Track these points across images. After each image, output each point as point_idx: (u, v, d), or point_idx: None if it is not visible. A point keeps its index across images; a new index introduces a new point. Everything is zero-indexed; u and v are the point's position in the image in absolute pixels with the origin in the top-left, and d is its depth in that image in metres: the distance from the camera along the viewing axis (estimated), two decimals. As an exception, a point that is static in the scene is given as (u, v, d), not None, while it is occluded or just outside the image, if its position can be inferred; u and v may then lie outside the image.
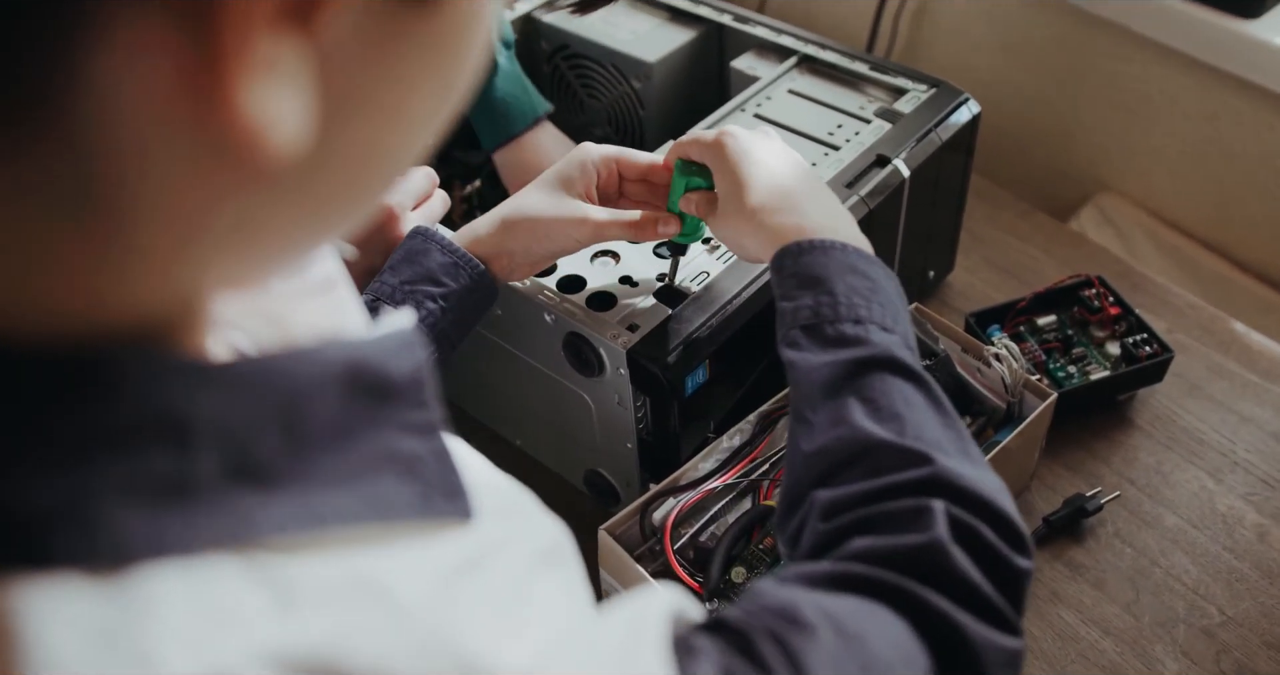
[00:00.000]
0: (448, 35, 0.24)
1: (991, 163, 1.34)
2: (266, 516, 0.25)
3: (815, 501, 0.47)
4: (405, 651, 0.25)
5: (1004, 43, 1.28)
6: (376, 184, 0.26)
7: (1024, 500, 0.85)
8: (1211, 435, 0.89)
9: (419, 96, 0.25)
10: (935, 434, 0.48)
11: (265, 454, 0.25)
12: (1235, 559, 0.80)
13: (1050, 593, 0.79)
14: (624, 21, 1.01)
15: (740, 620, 0.37)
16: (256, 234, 0.24)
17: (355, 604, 0.25)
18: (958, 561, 0.42)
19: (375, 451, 0.28)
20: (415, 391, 0.29)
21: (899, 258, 0.89)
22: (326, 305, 0.33)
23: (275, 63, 0.20)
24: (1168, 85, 1.15)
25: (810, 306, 0.53)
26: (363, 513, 0.27)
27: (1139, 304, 0.98)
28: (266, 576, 0.24)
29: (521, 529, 0.33)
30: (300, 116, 0.21)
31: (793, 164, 0.64)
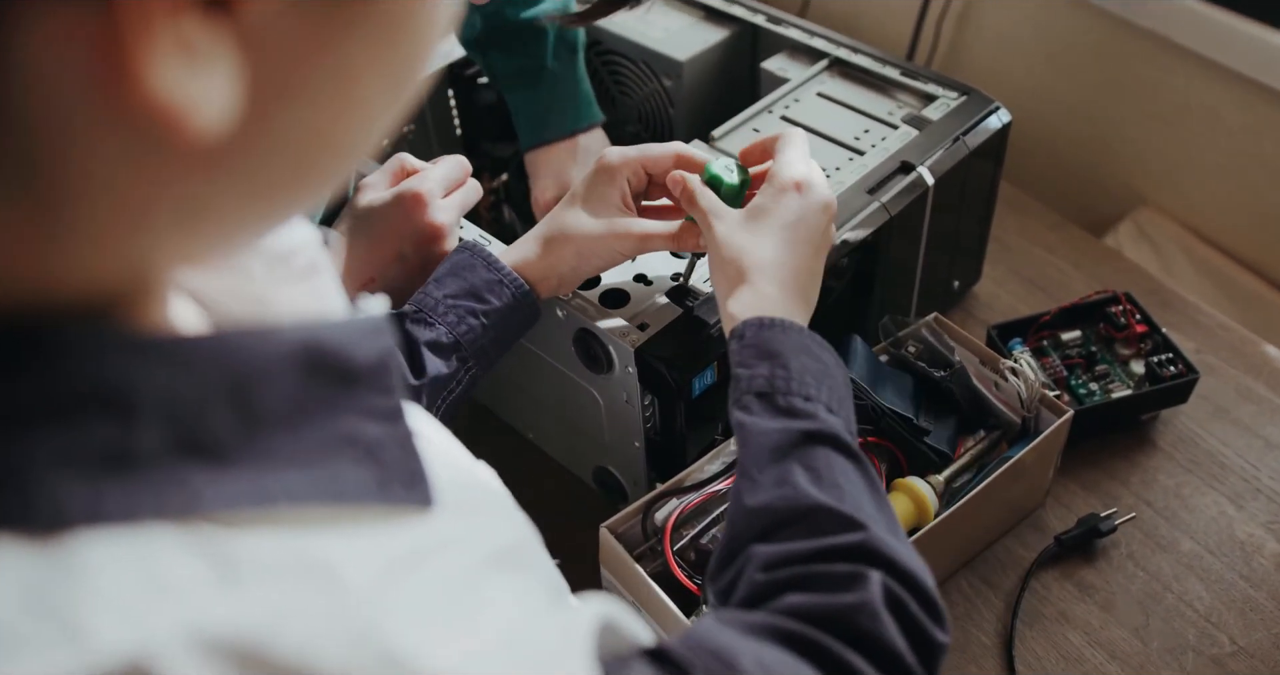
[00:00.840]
0: (393, 22, 0.24)
1: (1027, 173, 1.32)
2: (215, 491, 0.25)
3: (754, 555, 0.49)
4: (334, 640, 0.25)
5: (1046, 51, 1.26)
6: (327, 167, 0.26)
7: (1037, 517, 0.84)
8: (1235, 460, 0.87)
9: (366, 82, 0.25)
10: (870, 509, 0.51)
11: (215, 430, 0.25)
12: (1251, 588, 0.78)
13: (1058, 613, 0.78)
14: (658, 19, 1.01)
15: (681, 655, 0.37)
16: (203, 212, 0.24)
17: (298, 583, 0.25)
18: (885, 628, 0.44)
19: (334, 434, 0.28)
20: (379, 377, 0.30)
21: (921, 266, 0.88)
22: (309, 291, 0.33)
23: (192, 46, 0.20)
24: (1210, 98, 1.13)
25: (766, 376, 0.56)
26: (315, 494, 0.27)
27: (1168, 323, 0.96)
28: (210, 550, 0.24)
29: (481, 526, 0.33)
30: (225, 98, 0.21)
31: (817, 255, 0.64)
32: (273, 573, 0.25)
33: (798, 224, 0.63)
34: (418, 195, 0.72)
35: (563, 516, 0.88)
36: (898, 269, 0.87)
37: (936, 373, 0.79)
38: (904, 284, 0.89)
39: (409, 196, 0.73)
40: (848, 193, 0.79)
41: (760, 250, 0.62)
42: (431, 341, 0.66)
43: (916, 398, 0.79)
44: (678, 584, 0.70)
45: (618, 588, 0.73)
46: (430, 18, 0.26)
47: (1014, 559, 0.81)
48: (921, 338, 0.82)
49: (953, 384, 0.79)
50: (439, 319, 0.66)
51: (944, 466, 0.78)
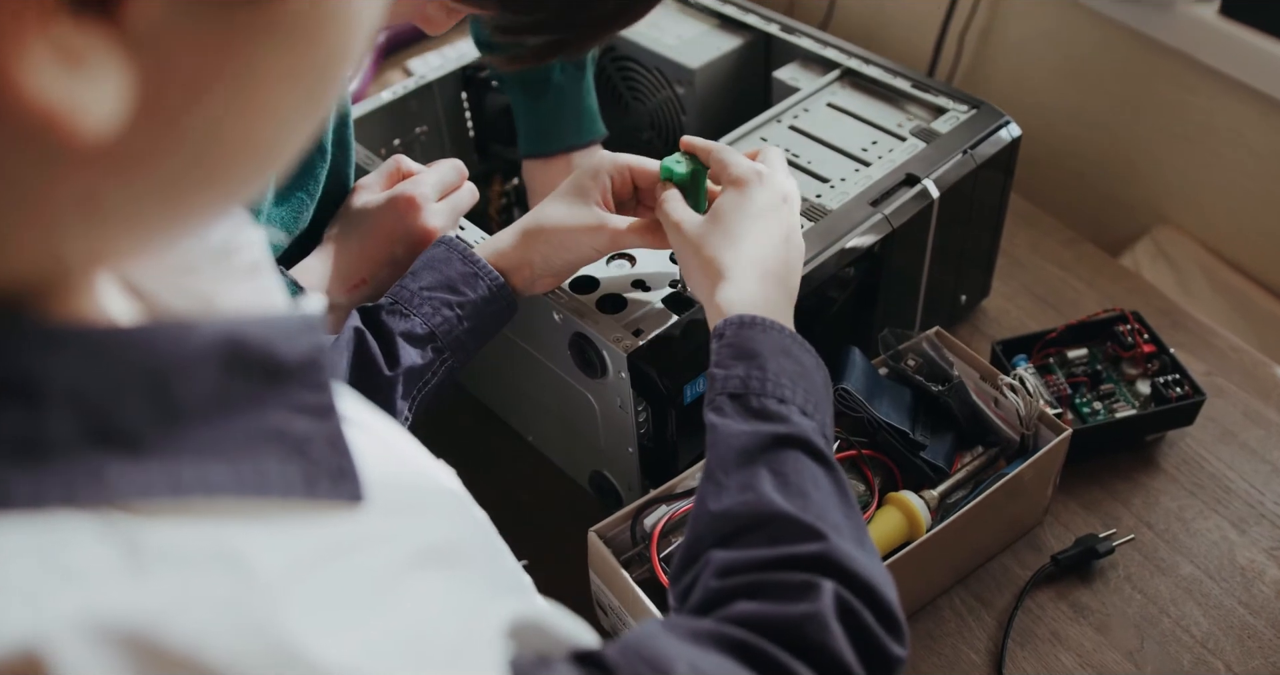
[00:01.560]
0: (302, 28, 0.25)
1: (1045, 189, 1.31)
2: (127, 480, 0.25)
3: (711, 560, 0.49)
4: (228, 629, 0.25)
5: (1069, 67, 1.25)
6: (240, 170, 0.27)
7: (1035, 536, 0.83)
8: (1240, 484, 0.85)
9: (275, 87, 0.25)
10: (835, 518, 0.50)
11: (130, 421, 0.26)
12: (1250, 615, 0.77)
13: (1051, 633, 0.77)
14: (672, 26, 1.01)
15: (614, 661, 0.37)
16: (112, 212, 0.25)
17: (204, 572, 0.26)
18: (835, 638, 0.44)
19: (260, 429, 0.28)
20: (309, 373, 0.30)
21: (926, 279, 0.88)
22: (251, 290, 0.34)
23: (73, 51, 0.21)
24: (1234, 119, 1.11)
25: (740, 377, 0.55)
26: (236, 486, 0.27)
27: (1180, 343, 0.95)
28: (119, 537, 0.25)
29: (413, 524, 0.33)
30: (113, 100, 0.22)
31: (788, 243, 0.64)
32: (181, 561, 0.25)
33: (764, 214, 0.63)
34: (411, 198, 0.73)
35: (558, 519, 0.88)
36: (901, 282, 0.86)
37: (935, 387, 0.79)
38: (908, 297, 0.89)
39: (402, 200, 0.73)
40: (851, 203, 0.79)
41: (733, 246, 0.62)
42: (406, 332, 0.66)
43: (914, 412, 0.79)
44: (663, 590, 0.69)
45: (605, 592, 0.73)
46: (348, 26, 0.26)
47: (1009, 577, 0.80)
48: (922, 351, 0.81)
49: (951, 399, 0.78)
50: (414, 310, 0.67)
51: (939, 481, 0.77)
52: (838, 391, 0.76)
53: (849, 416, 0.78)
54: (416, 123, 0.98)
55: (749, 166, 0.65)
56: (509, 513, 0.90)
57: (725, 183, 0.66)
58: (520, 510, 0.89)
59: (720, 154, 0.67)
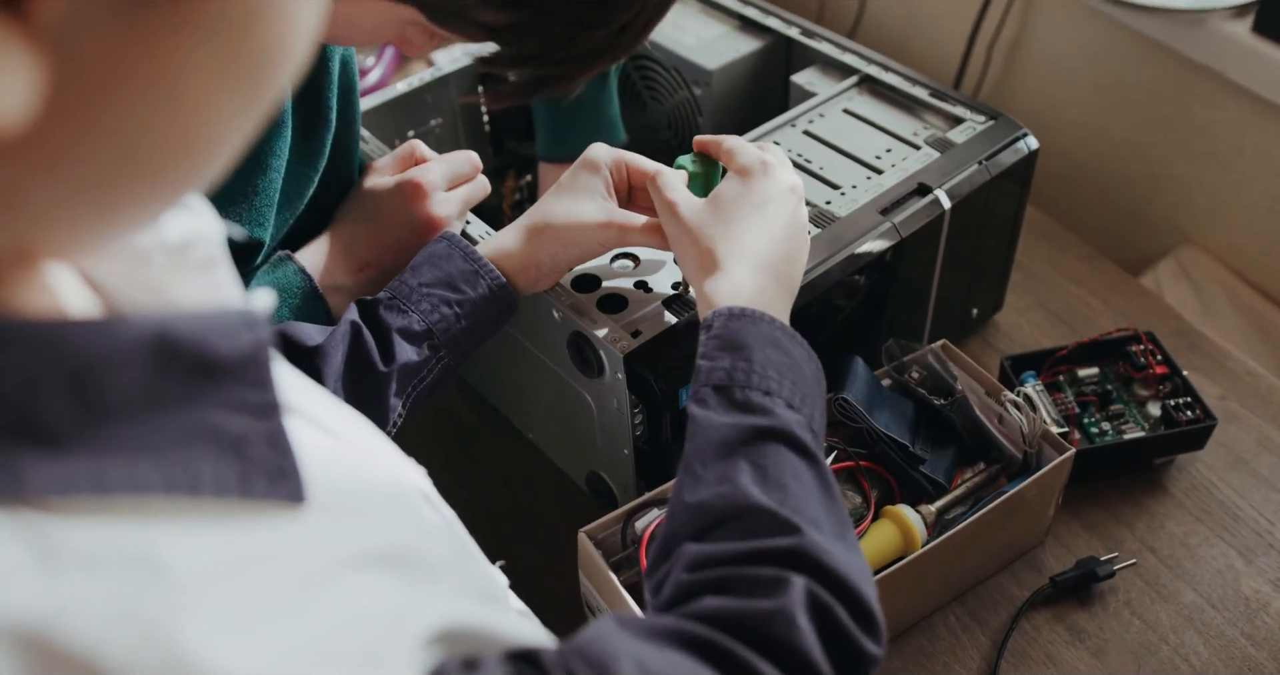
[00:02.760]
0: (228, 26, 0.24)
1: (1070, 204, 1.29)
2: (44, 476, 0.25)
3: (683, 553, 0.48)
4: (125, 638, 0.24)
5: (1097, 83, 1.23)
6: (172, 168, 0.26)
7: (1034, 556, 0.81)
8: (1249, 512, 0.83)
9: (202, 85, 0.24)
10: (815, 511, 0.49)
11: (50, 416, 0.25)
12: (1252, 647, 0.75)
13: (1046, 655, 0.76)
14: (693, 27, 1.00)
15: (551, 660, 0.36)
16: (32, 208, 0.24)
17: (115, 574, 0.25)
18: (802, 635, 0.42)
19: (193, 426, 0.28)
20: (249, 371, 0.29)
21: (936, 291, 0.87)
22: (206, 284, 0.33)
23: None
24: (1262, 138, 1.09)
25: (725, 369, 0.54)
26: (164, 484, 0.26)
27: (1194, 366, 0.93)
28: (31, 535, 0.24)
29: (356, 527, 0.32)
30: (20, 93, 0.21)
31: (791, 236, 0.63)
32: (93, 562, 0.25)
33: (767, 206, 0.62)
34: (419, 185, 0.73)
35: (552, 518, 0.87)
36: (911, 292, 0.85)
37: (937, 401, 0.77)
38: (917, 308, 0.88)
39: (410, 186, 0.73)
40: (860, 211, 0.78)
41: (730, 235, 0.61)
42: (403, 328, 0.66)
43: (915, 425, 0.78)
44: (650, 595, 0.69)
45: (593, 593, 0.73)
46: (281, 23, 0.25)
47: (1006, 597, 0.79)
48: (926, 364, 0.80)
49: (953, 413, 0.77)
50: (412, 306, 0.66)
51: (938, 496, 0.76)
52: (837, 401, 0.75)
53: (848, 427, 0.77)
54: (431, 115, 0.98)
55: (756, 156, 0.64)
56: (508, 510, 0.91)
57: (731, 171, 0.65)
58: (518, 508, 0.89)
59: (729, 143, 0.66)
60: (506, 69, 0.66)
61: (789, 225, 0.63)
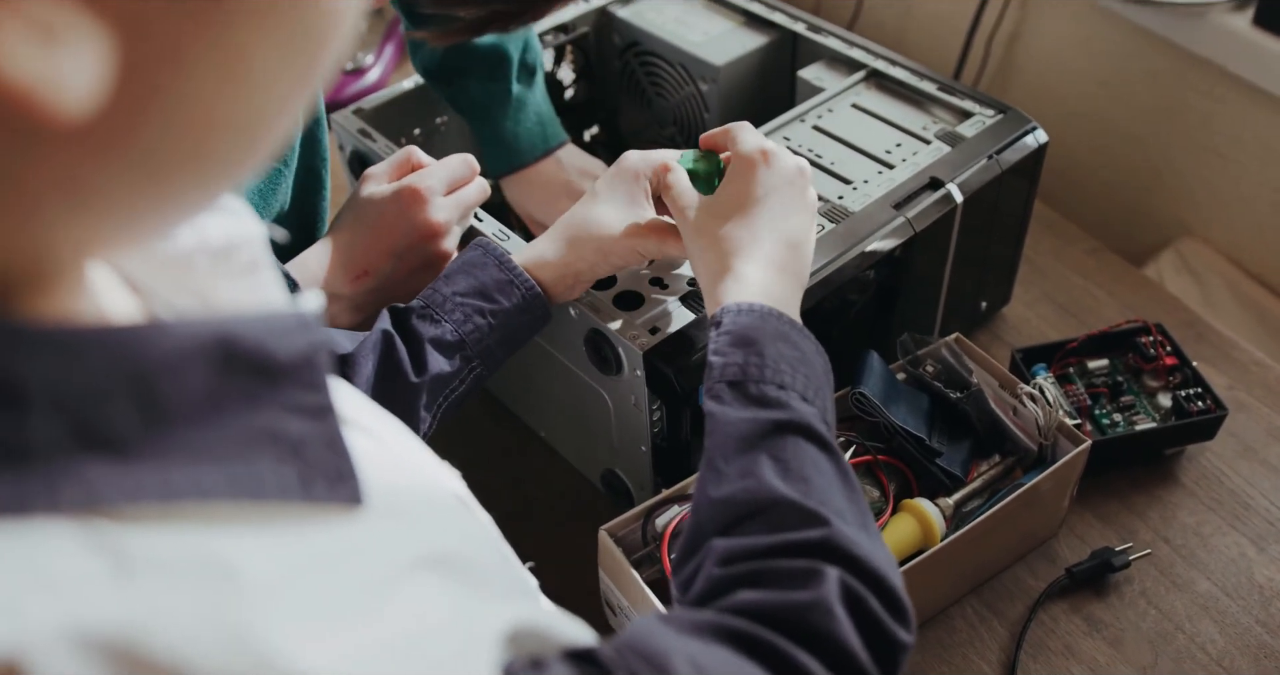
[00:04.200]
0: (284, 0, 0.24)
1: (1070, 197, 1.29)
2: (114, 485, 0.24)
3: (713, 548, 0.48)
4: (212, 643, 0.24)
5: (1098, 76, 1.24)
6: (229, 150, 0.26)
7: (1049, 547, 0.82)
8: (1260, 501, 0.84)
9: (260, 61, 0.24)
10: (838, 502, 0.49)
11: (117, 423, 0.25)
12: (1267, 634, 0.76)
13: (1064, 646, 0.76)
14: (698, 22, 1.00)
15: (609, 658, 0.36)
16: (96, 197, 0.24)
17: (191, 582, 0.25)
18: (840, 625, 0.43)
19: (253, 430, 0.28)
20: (305, 373, 0.29)
21: (946, 285, 0.87)
22: (250, 288, 0.33)
23: (48, 26, 0.20)
24: (1263, 130, 1.10)
25: (738, 364, 0.54)
26: (229, 490, 0.26)
27: (1202, 357, 0.93)
28: (105, 545, 0.24)
29: (413, 529, 0.32)
30: (91, 76, 0.21)
31: (797, 224, 0.63)
32: (166, 569, 0.24)
33: (769, 197, 0.62)
34: (417, 191, 0.72)
35: (568, 517, 0.87)
36: (922, 286, 0.85)
37: (953, 394, 0.78)
38: (928, 302, 0.88)
39: (408, 192, 0.72)
40: (873, 206, 0.78)
41: (735, 232, 0.61)
42: (436, 338, 0.65)
43: (931, 418, 0.78)
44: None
45: (614, 591, 0.72)
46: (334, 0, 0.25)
47: (1023, 588, 0.79)
48: (941, 357, 0.80)
49: (969, 406, 0.77)
50: (445, 316, 0.66)
51: (955, 489, 0.76)
52: (854, 395, 0.76)
53: (865, 421, 0.77)
54: (437, 113, 0.98)
55: (755, 146, 0.64)
56: (520, 509, 0.90)
57: (733, 162, 0.64)
58: (531, 507, 0.88)
59: (733, 132, 0.66)
60: (458, 6, 0.64)
61: (795, 212, 0.63)
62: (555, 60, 1.05)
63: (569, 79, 1.07)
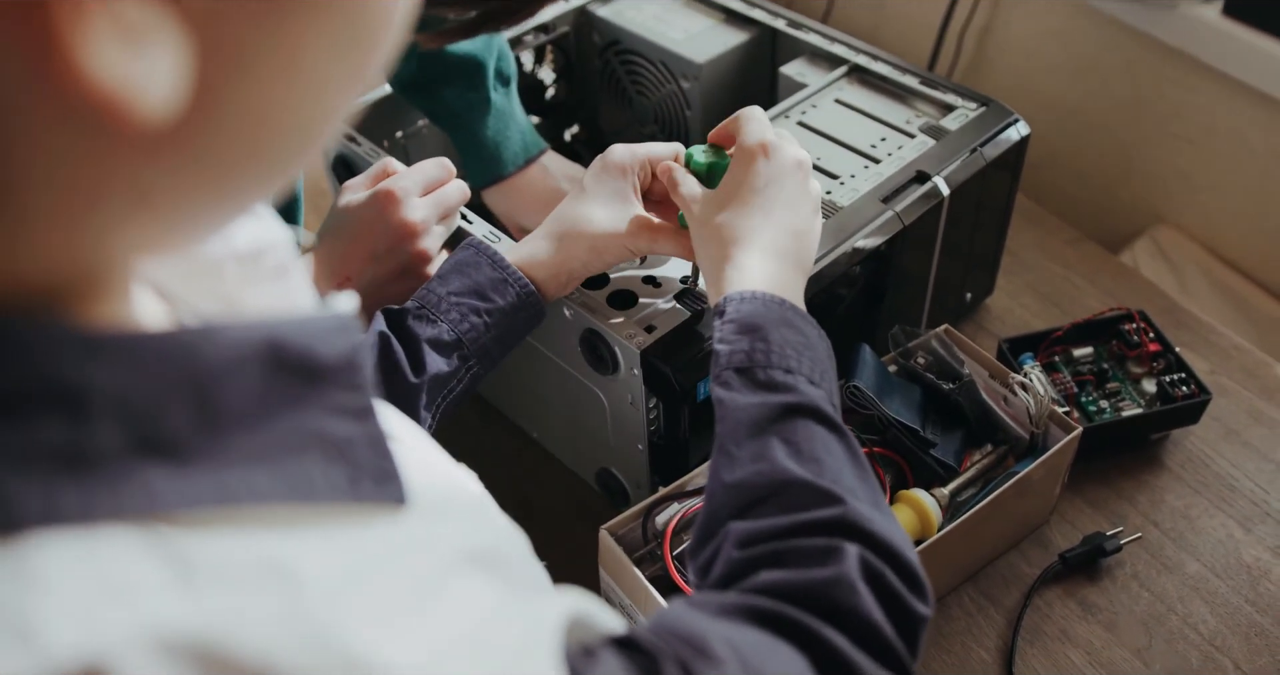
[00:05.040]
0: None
1: (1046, 187, 1.31)
2: (174, 491, 0.24)
3: (730, 532, 0.48)
4: (293, 642, 0.24)
5: (1069, 66, 1.25)
6: (282, 151, 0.26)
7: (1042, 534, 0.83)
8: (1245, 483, 0.85)
9: (316, 60, 0.24)
10: (850, 481, 0.50)
11: (174, 428, 0.25)
12: (1257, 613, 0.77)
13: (1060, 631, 0.77)
14: (678, 20, 1.01)
15: (650, 642, 0.36)
16: (154, 199, 0.24)
17: (257, 586, 0.25)
18: (863, 600, 0.43)
19: (301, 432, 0.28)
20: (347, 374, 0.29)
21: (934, 277, 0.88)
22: (279, 292, 0.33)
23: (132, 28, 0.20)
24: (1235, 119, 1.12)
25: (745, 351, 0.55)
26: (281, 492, 0.26)
27: (1182, 342, 0.95)
28: (168, 551, 0.24)
29: (453, 527, 0.33)
30: (170, 79, 0.21)
31: (799, 214, 0.63)
32: (230, 575, 0.24)
33: (769, 187, 0.62)
34: (390, 193, 0.72)
35: (564, 517, 0.87)
36: (910, 279, 0.86)
37: (945, 385, 0.79)
38: (916, 294, 0.89)
39: (383, 194, 0.72)
40: (862, 200, 0.78)
41: (736, 223, 0.61)
42: (433, 338, 0.65)
43: (924, 409, 0.79)
44: (676, 589, 0.69)
45: (615, 590, 0.73)
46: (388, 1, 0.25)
47: (1017, 575, 0.80)
48: (931, 349, 0.81)
49: (961, 397, 0.78)
50: (441, 316, 0.66)
51: (949, 479, 0.77)
52: (848, 389, 0.76)
53: (860, 414, 0.78)
54: (419, 116, 0.97)
55: (756, 139, 0.64)
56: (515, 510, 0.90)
57: (736, 153, 0.65)
58: (526, 508, 0.88)
59: (741, 122, 0.66)
60: (449, 7, 0.64)
61: (795, 203, 0.63)
62: (535, 60, 1.04)
63: (549, 79, 1.07)
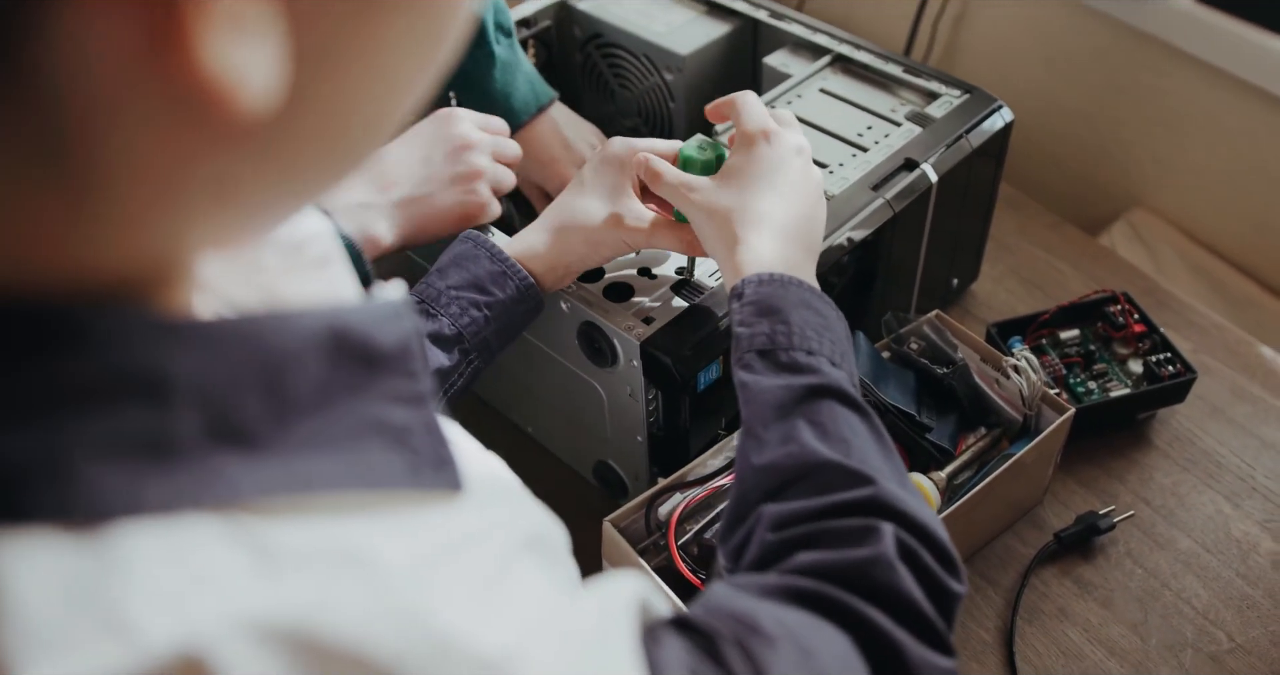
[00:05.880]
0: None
1: (1024, 173, 1.32)
2: (250, 479, 0.24)
3: (763, 515, 0.49)
4: (384, 626, 0.24)
5: (1043, 53, 1.27)
6: (357, 144, 0.26)
7: (1036, 515, 0.84)
8: (1231, 459, 0.87)
9: (397, 54, 0.24)
10: (877, 461, 0.50)
11: (248, 416, 0.25)
12: (1248, 586, 0.79)
13: (1057, 609, 0.78)
14: (659, 13, 1.01)
15: (705, 622, 0.36)
16: (235, 191, 0.24)
17: (337, 572, 0.25)
18: (902, 579, 0.43)
19: (362, 419, 0.28)
20: (403, 361, 0.29)
21: (923, 263, 0.88)
22: (321, 281, 0.33)
23: (241, 18, 0.20)
24: (1207, 102, 1.14)
25: (766, 333, 0.55)
26: (349, 480, 0.26)
27: (1164, 323, 0.96)
28: (248, 539, 0.24)
29: (508, 514, 0.33)
30: (269, 72, 0.21)
31: (805, 197, 0.63)
32: (311, 562, 0.25)
33: (774, 172, 0.63)
34: (452, 111, 0.74)
35: (562, 511, 0.87)
36: (900, 265, 0.87)
37: (939, 370, 0.79)
38: (905, 281, 0.89)
39: (443, 112, 0.74)
40: (852, 189, 0.79)
41: (745, 206, 0.61)
42: (434, 333, 0.65)
43: (918, 394, 0.79)
44: (681, 578, 0.69)
45: (620, 582, 0.73)
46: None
47: (1014, 556, 0.81)
48: (924, 335, 0.82)
49: (955, 381, 0.79)
50: (441, 310, 0.66)
51: (945, 463, 0.78)
52: (845, 376, 0.77)
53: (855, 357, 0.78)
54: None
55: (757, 124, 0.64)
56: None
57: (738, 137, 0.65)
58: (522, 502, 0.88)
59: (738, 105, 0.66)
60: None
61: (800, 187, 0.64)
62: (517, 55, 1.04)
63: (531, 73, 1.06)
